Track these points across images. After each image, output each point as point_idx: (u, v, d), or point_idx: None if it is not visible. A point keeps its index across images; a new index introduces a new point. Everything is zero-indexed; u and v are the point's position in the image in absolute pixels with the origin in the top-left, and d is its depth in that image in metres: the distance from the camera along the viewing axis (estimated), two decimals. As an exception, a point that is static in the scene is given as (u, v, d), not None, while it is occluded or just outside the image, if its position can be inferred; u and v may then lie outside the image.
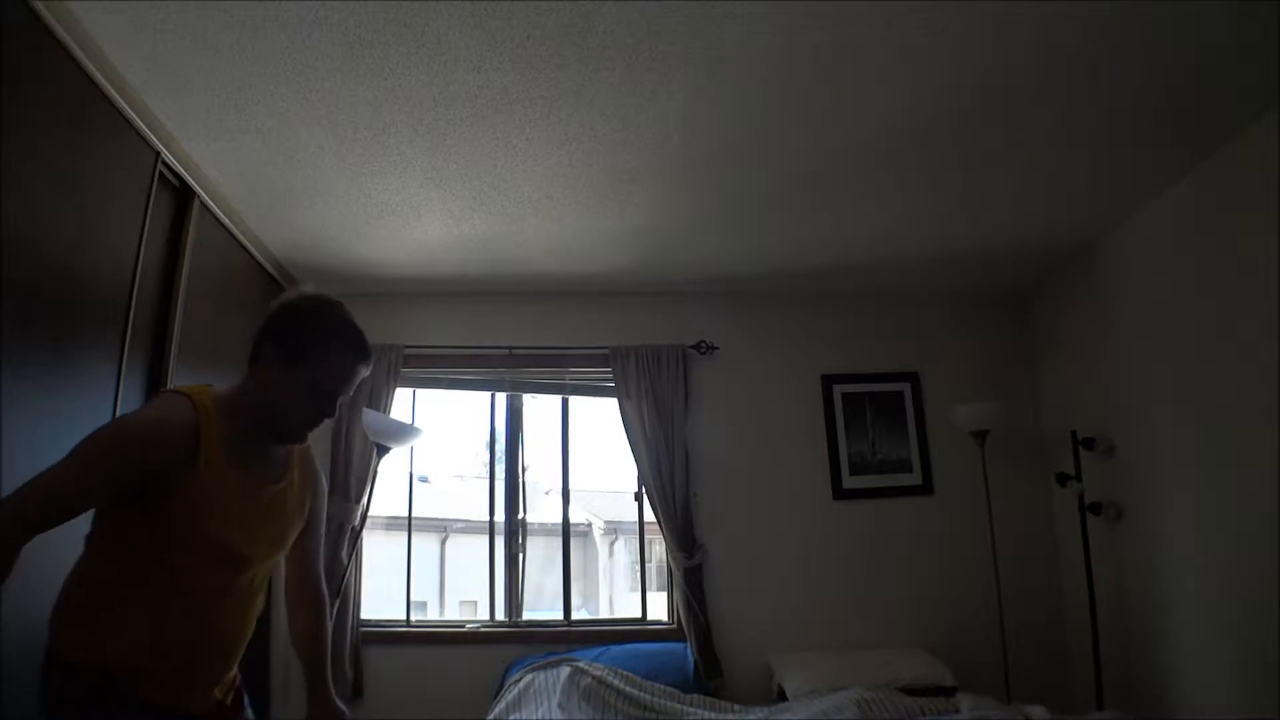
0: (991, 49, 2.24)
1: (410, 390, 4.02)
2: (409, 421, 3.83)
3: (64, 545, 2.01)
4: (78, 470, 1.35)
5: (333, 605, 3.46)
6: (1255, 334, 2.70)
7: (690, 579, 3.72)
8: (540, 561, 4.31)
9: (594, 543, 6.60)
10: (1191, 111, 2.59)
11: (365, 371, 1.63)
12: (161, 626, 1.44)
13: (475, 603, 4.13)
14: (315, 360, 1.54)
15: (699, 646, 3.64)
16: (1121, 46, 2.24)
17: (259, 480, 1.56)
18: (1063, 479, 3.65)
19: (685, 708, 3.20)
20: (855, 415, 4.10)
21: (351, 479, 3.65)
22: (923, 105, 2.52)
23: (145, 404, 1.50)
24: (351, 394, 1.64)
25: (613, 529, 6.37)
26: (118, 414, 2.26)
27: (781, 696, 3.40)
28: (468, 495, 5.16)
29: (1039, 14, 2.09)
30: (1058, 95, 2.48)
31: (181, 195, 2.71)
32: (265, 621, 3.46)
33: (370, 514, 3.66)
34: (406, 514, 3.97)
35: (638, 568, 4.12)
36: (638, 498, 4.04)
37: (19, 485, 1.34)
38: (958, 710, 3.00)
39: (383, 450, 3.50)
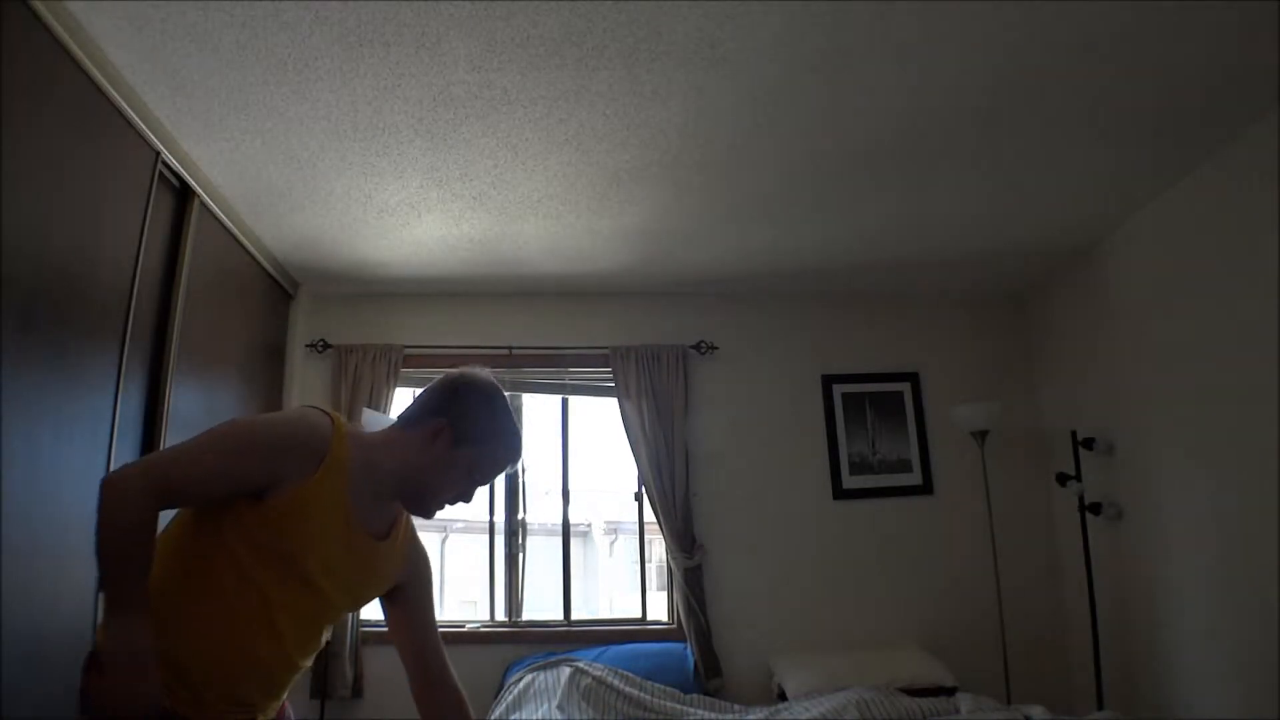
0: (991, 51, 2.24)
1: (410, 390, 4.02)
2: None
3: (65, 544, 2.01)
4: (216, 456, 1.32)
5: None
6: (1255, 334, 2.70)
7: (690, 579, 3.72)
8: (540, 561, 4.30)
9: (594, 543, 6.60)
10: (1191, 111, 2.59)
11: (510, 467, 1.61)
12: (220, 636, 1.36)
13: (475, 603, 4.12)
14: (484, 448, 1.51)
15: (699, 646, 3.64)
16: (1121, 47, 2.24)
17: (363, 530, 1.49)
18: (1063, 479, 3.65)
19: (685, 708, 3.20)
20: (855, 415, 4.10)
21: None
22: (922, 106, 2.52)
23: (289, 409, 1.45)
24: None
25: (613, 529, 6.38)
26: (117, 414, 2.26)
27: (781, 697, 3.40)
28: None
29: (1039, 15, 2.10)
30: (1058, 95, 2.48)
31: (181, 195, 2.71)
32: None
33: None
34: (406, 514, 3.96)
35: (638, 568, 4.12)
36: (638, 498, 4.04)
37: (140, 460, 1.33)
38: (957, 710, 3.00)
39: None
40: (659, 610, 4.02)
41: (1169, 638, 3.18)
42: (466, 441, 1.48)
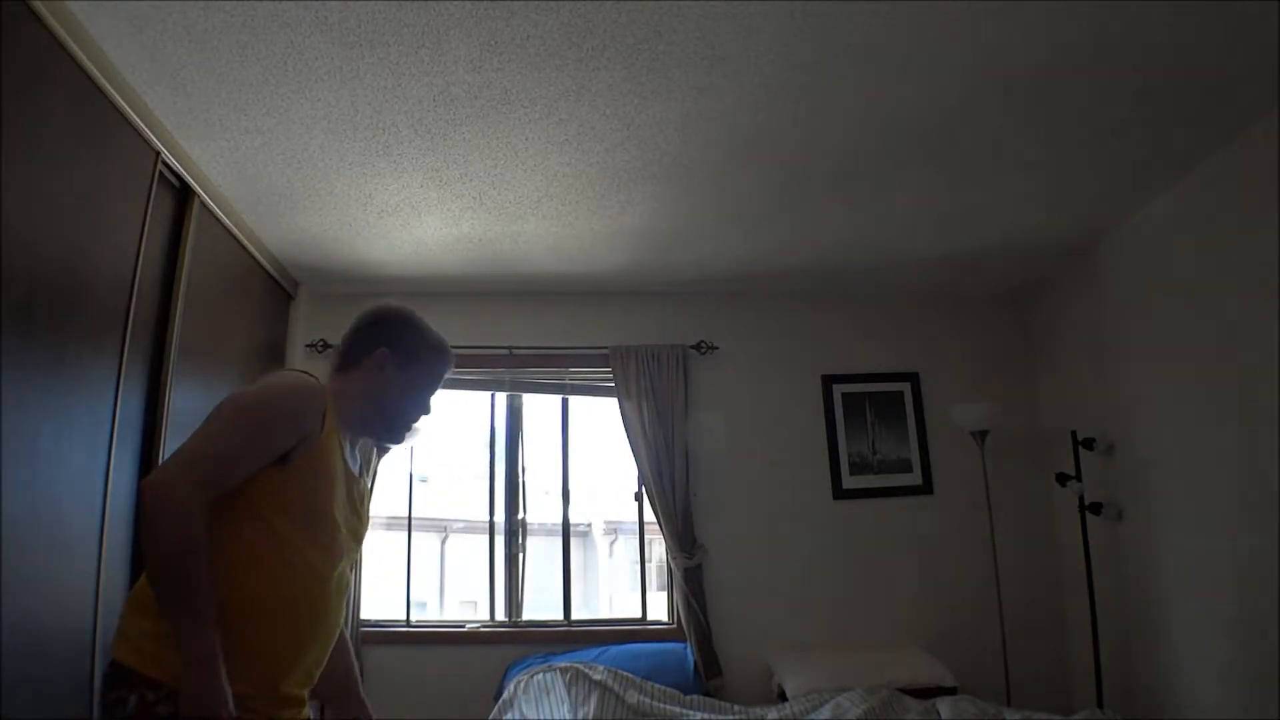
0: (991, 49, 2.24)
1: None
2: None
3: (65, 544, 2.01)
4: (243, 435, 1.38)
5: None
6: (1256, 334, 2.70)
7: (690, 579, 3.72)
8: (540, 561, 4.30)
9: (594, 543, 6.60)
10: (1191, 111, 2.59)
11: (450, 371, 1.76)
12: (274, 617, 1.40)
13: (475, 603, 4.12)
14: (427, 364, 1.67)
15: (699, 646, 3.64)
16: (1121, 47, 2.24)
17: (353, 473, 1.63)
18: (1063, 479, 3.65)
19: (685, 710, 3.20)
20: (855, 415, 4.10)
21: (351, 479, 3.66)
22: (922, 105, 2.52)
23: (266, 376, 1.52)
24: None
25: (613, 529, 6.37)
26: (117, 414, 2.26)
27: (781, 696, 3.40)
28: (468, 495, 5.16)
29: (1039, 14, 2.10)
30: (1058, 95, 2.48)
31: (181, 195, 2.71)
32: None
33: (370, 514, 3.65)
34: (406, 514, 3.97)
35: (638, 568, 4.12)
36: (638, 498, 4.04)
37: (171, 460, 1.33)
38: (937, 713, 3.02)
39: (382, 450, 3.50)
40: (659, 610, 4.02)
41: (1169, 638, 3.18)
42: (411, 359, 1.64)
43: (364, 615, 3.70)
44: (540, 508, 4.28)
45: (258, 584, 1.39)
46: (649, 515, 3.93)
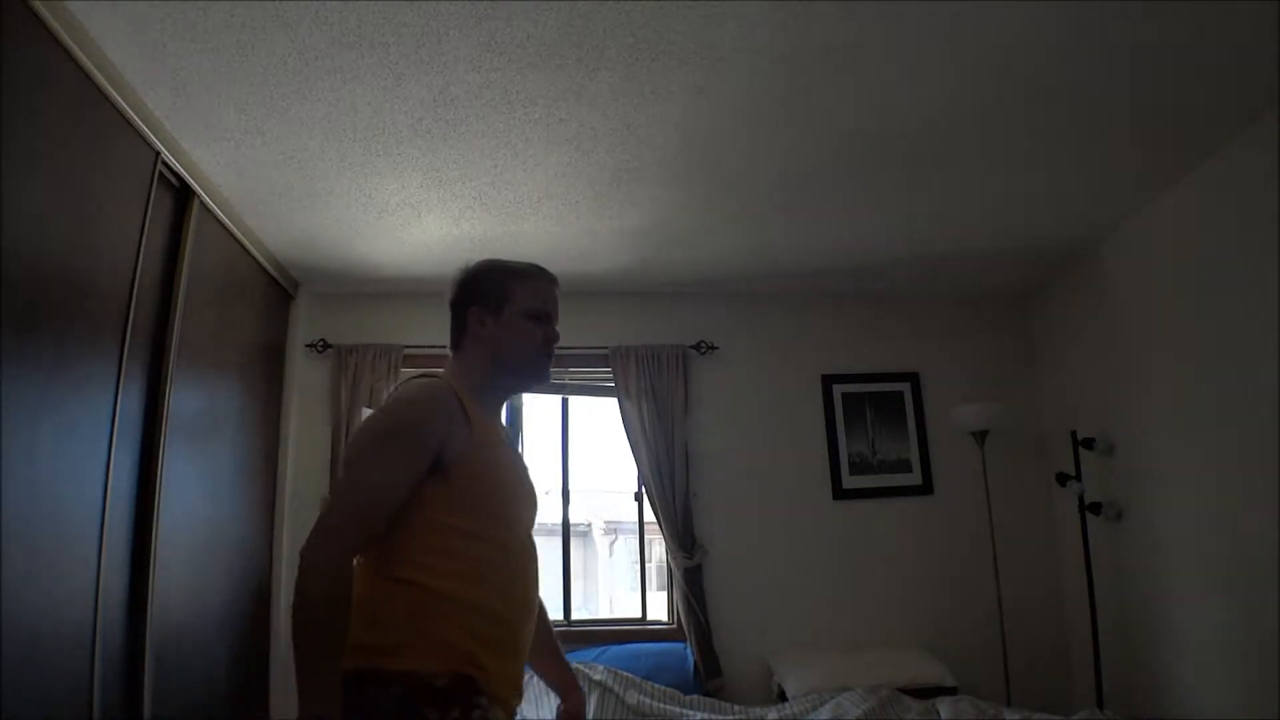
0: (991, 50, 2.24)
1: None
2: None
3: (65, 544, 2.01)
4: (379, 467, 1.36)
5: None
6: (1255, 334, 2.70)
7: (690, 579, 3.72)
8: (540, 561, 4.30)
9: (594, 543, 6.60)
10: (1191, 111, 2.59)
11: (558, 290, 1.67)
12: (495, 611, 1.40)
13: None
14: (519, 293, 1.58)
15: (699, 646, 3.64)
16: (1122, 47, 2.24)
17: (511, 447, 1.61)
18: (1063, 479, 3.65)
19: (685, 710, 3.20)
20: (855, 415, 4.10)
21: (351, 479, 3.66)
22: (923, 105, 2.52)
23: (389, 396, 1.50)
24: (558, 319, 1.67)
25: (613, 529, 6.37)
26: (117, 414, 2.26)
27: (781, 697, 3.40)
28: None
29: (1039, 14, 2.10)
30: (1058, 95, 2.48)
31: (181, 195, 2.71)
32: (265, 619, 3.48)
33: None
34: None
35: (638, 568, 4.12)
36: (638, 498, 4.04)
37: (322, 516, 1.32)
38: (937, 713, 3.02)
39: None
40: (659, 610, 4.02)
41: (1169, 638, 3.18)
42: (504, 300, 1.57)
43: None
44: (540, 508, 4.27)
45: (484, 590, 1.38)
46: (649, 515, 3.93)
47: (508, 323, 1.56)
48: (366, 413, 3.51)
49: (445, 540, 1.38)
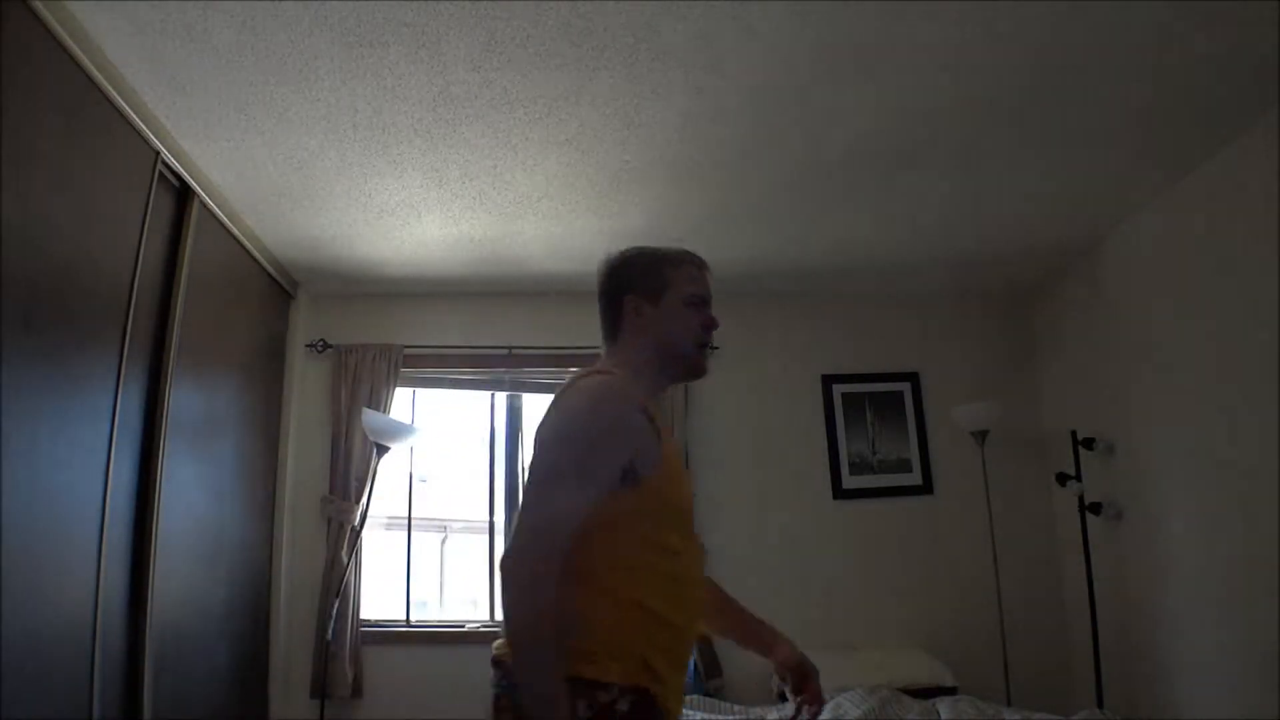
0: (991, 50, 2.24)
1: (410, 390, 4.03)
2: (408, 421, 3.84)
3: (65, 544, 2.01)
4: (577, 475, 1.30)
5: (332, 605, 3.46)
6: (1255, 334, 2.70)
7: (690, 579, 3.71)
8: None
9: (594, 543, 6.58)
10: (1191, 112, 2.59)
11: (709, 274, 1.63)
12: (674, 621, 1.36)
13: (475, 603, 4.12)
14: (676, 278, 1.54)
15: (699, 646, 3.64)
16: (1122, 47, 2.24)
17: (674, 441, 1.57)
18: (1063, 479, 3.65)
19: (685, 710, 3.19)
20: (855, 415, 4.10)
21: (351, 479, 3.66)
22: (922, 105, 2.52)
23: (567, 398, 1.41)
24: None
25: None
26: (117, 414, 2.26)
27: (781, 697, 3.39)
28: (467, 495, 5.16)
29: (1039, 14, 2.10)
30: (1058, 95, 2.48)
31: (181, 195, 2.71)
32: (265, 619, 3.48)
33: (370, 514, 3.66)
34: (406, 514, 3.97)
35: (638, 568, 4.11)
36: (638, 498, 4.03)
37: (520, 528, 1.29)
38: (937, 713, 3.01)
39: (382, 450, 3.51)
40: (659, 610, 4.01)
41: (1169, 638, 3.18)
42: (660, 285, 1.52)
43: (364, 615, 3.69)
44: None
45: (666, 601, 1.35)
46: (649, 515, 3.92)
47: (667, 310, 1.51)
48: (368, 413, 3.50)
49: (633, 550, 1.34)
